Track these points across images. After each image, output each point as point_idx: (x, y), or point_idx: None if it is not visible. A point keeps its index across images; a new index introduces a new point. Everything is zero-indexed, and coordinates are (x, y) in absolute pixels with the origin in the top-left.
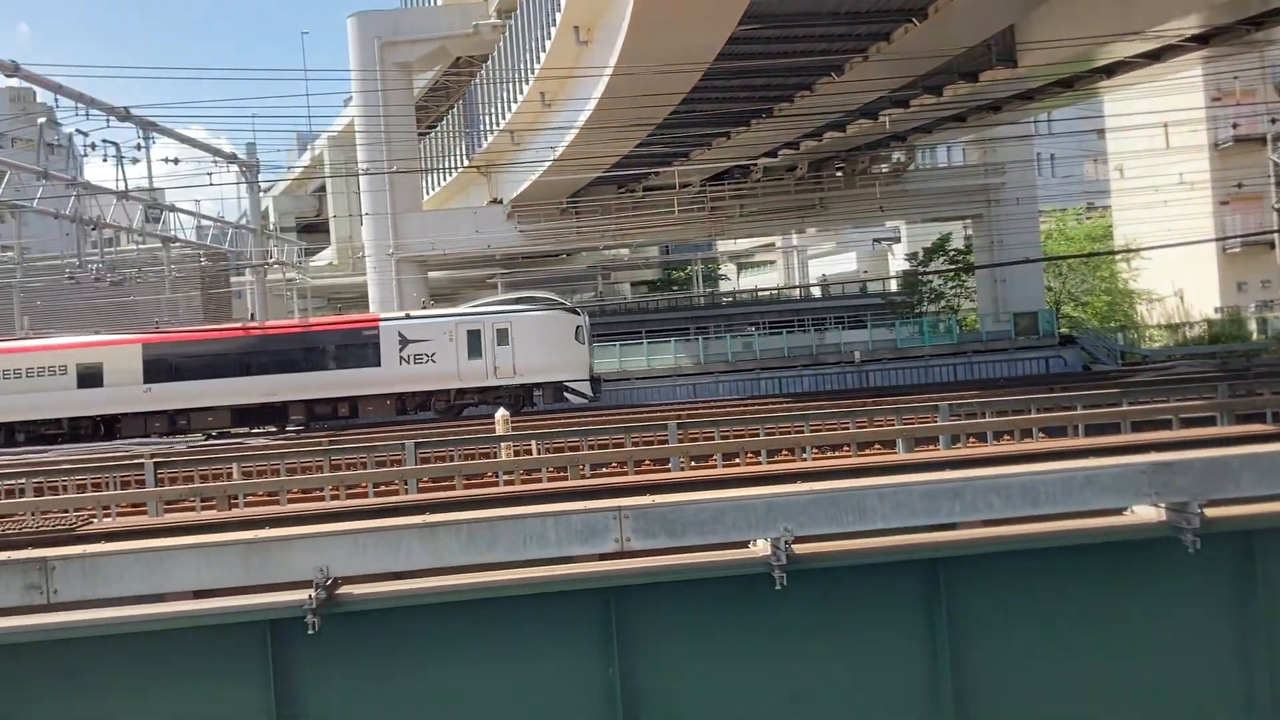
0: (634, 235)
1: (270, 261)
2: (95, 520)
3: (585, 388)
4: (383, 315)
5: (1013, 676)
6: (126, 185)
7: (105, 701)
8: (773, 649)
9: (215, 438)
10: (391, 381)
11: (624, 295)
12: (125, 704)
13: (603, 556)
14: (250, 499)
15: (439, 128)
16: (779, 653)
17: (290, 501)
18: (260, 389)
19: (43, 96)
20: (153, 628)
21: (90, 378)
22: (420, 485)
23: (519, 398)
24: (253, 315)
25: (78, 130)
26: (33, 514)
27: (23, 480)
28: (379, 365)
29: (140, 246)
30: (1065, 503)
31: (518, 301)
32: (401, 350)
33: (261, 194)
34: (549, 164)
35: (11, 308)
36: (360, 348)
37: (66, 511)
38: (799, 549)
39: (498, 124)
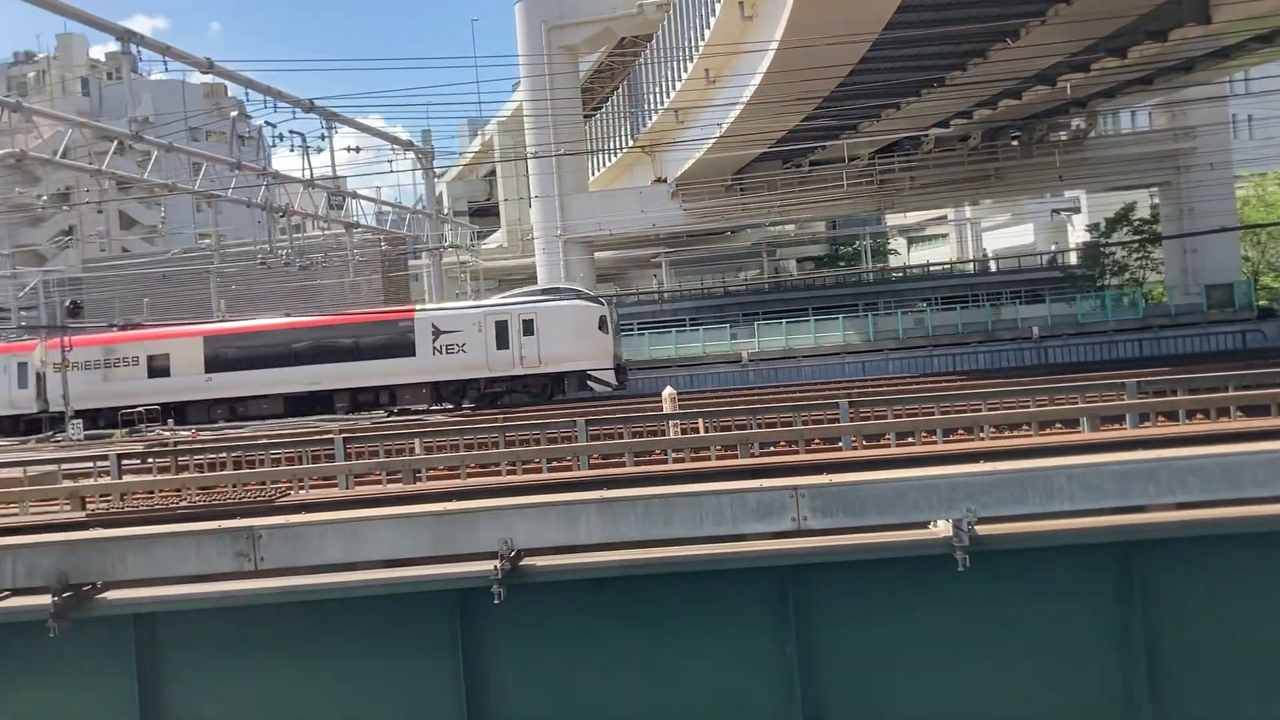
0: (800, 211)
1: (445, 245)
2: (292, 492)
3: (609, 376)
4: (418, 307)
5: (1212, 668)
6: (311, 174)
7: (306, 663)
8: (953, 631)
9: (396, 414)
10: (426, 371)
11: (790, 272)
12: (325, 666)
13: (777, 535)
14: (432, 473)
15: (604, 109)
16: (959, 635)
17: (469, 476)
18: (307, 378)
19: (234, 91)
20: (352, 594)
21: (159, 368)
22: (591, 461)
23: (546, 387)
24: (392, 298)
25: (266, 122)
26: (234, 486)
27: (224, 455)
28: (414, 355)
29: (325, 232)
30: (1272, 486)
31: (545, 293)
32: (435, 341)
33: (436, 179)
34: (714, 141)
35: (209, 292)
36: (397, 338)
37: (264, 484)
38: (981, 530)
39: (662, 103)
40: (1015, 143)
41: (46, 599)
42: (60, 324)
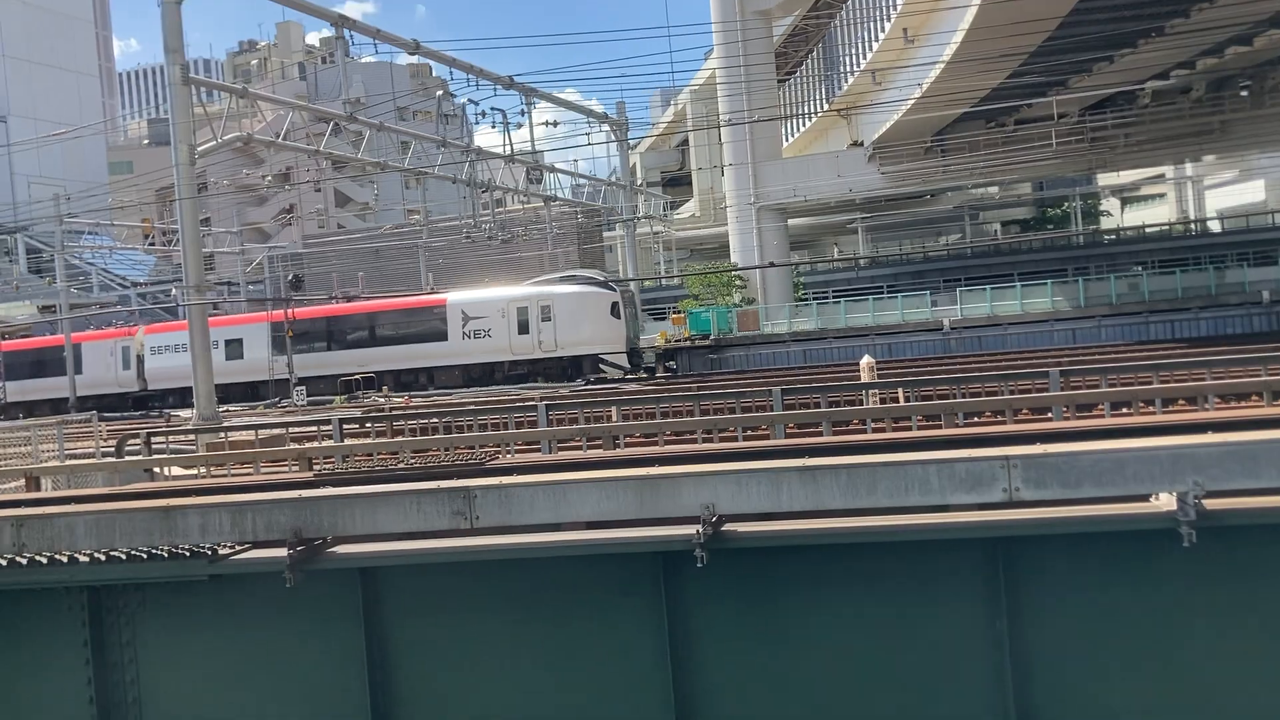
0: (1005, 172)
1: (638, 216)
2: (501, 456)
3: (621, 360)
4: (450, 295)
5: None
6: (511, 149)
7: (517, 617)
8: (1174, 611)
9: (593, 382)
10: (457, 354)
11: (993, 235)
12: (534, 620)
13: (984, 506)
14: (629, 439)
15: (798, 73)
16: (1181, 615)
17: (665, 443)
18: (355, 360)
19: (438, 71)
20: (562, 553)
21: (234, 351)
22: (787, 430)
23: (564, 370)
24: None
25: (469, 100)
26: (445, 450)
27: (435, 420)
28: (447, 340)
29: (524, 206)
30: None
31: (563, 280)
32: (464, 326)
33: (629, 150)
34: (912, 102)
35: (418, 265)
36: (432, 324)
37: (473, 448)
38: (1210, 504)
39: (858, 65)
40: (1244, 94)
41: (283, 552)
42: (284, 297)
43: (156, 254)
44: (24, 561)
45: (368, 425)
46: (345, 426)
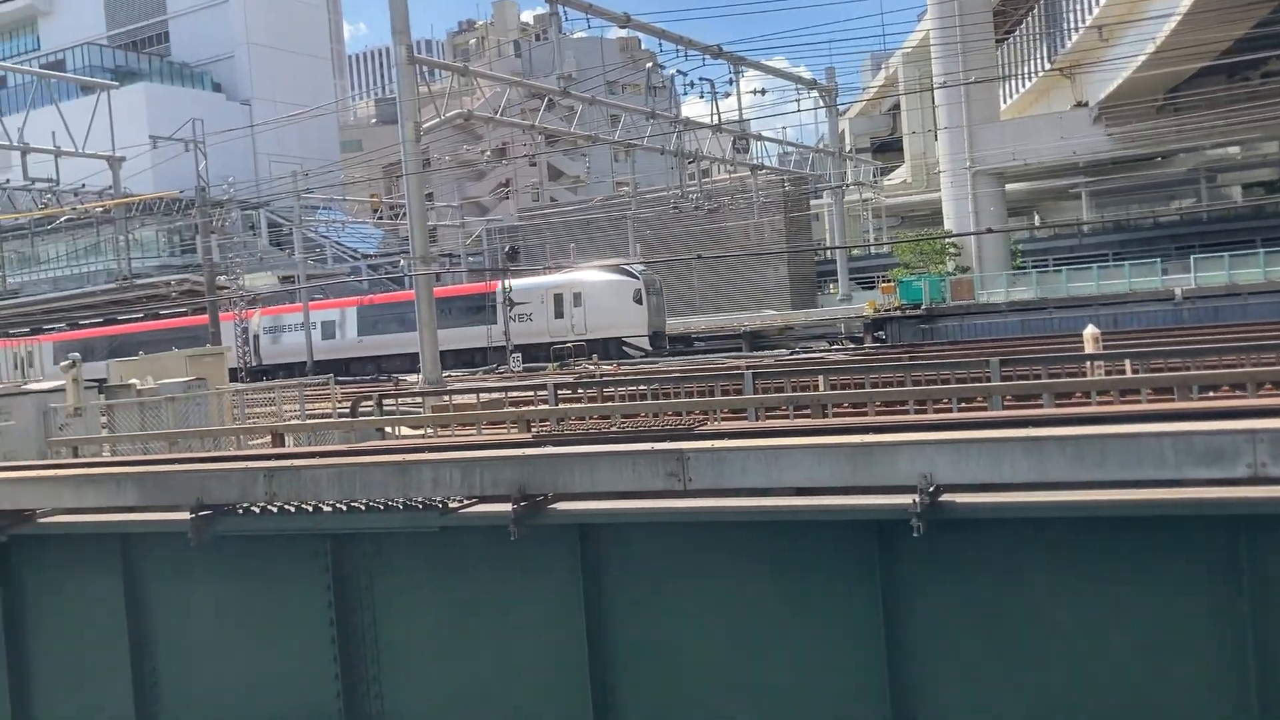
0: (1248, 131)
1: (846, 183)
2: (708, 422)
3: (643, 343)
4: (500, 281)
5: None
6: (719, 118)
7: (727, 578)
8: None
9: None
10: (503, 336)
11: (1233, 199)
12: (747, 582)
13: (1223, 482)
14: (837, 409)
15: (1017, 32)
16: None
17: (875, 413)
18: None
19: (647, 43)
20: (776, 518)
21: (328, 331)
22: (1005, 402)
23: (593, 351)
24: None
25: (678, 71)
26: (653, 415)
27: (643, 387)
28: (495, 323)
29: (731, 175)
30: None
31: (595, 269)
32: (510, 311)
33: (838, 116)
34: (1144, 58)
35: (626, 237)
36: (484, 308)
37: (680, 414)
38: None
39: (1084, 20)
40: None
41: (508, 506)
42: (502, 267)
43: (384, 227)
44: (275, 510)
45: (579, 390)
46: (559, 392)
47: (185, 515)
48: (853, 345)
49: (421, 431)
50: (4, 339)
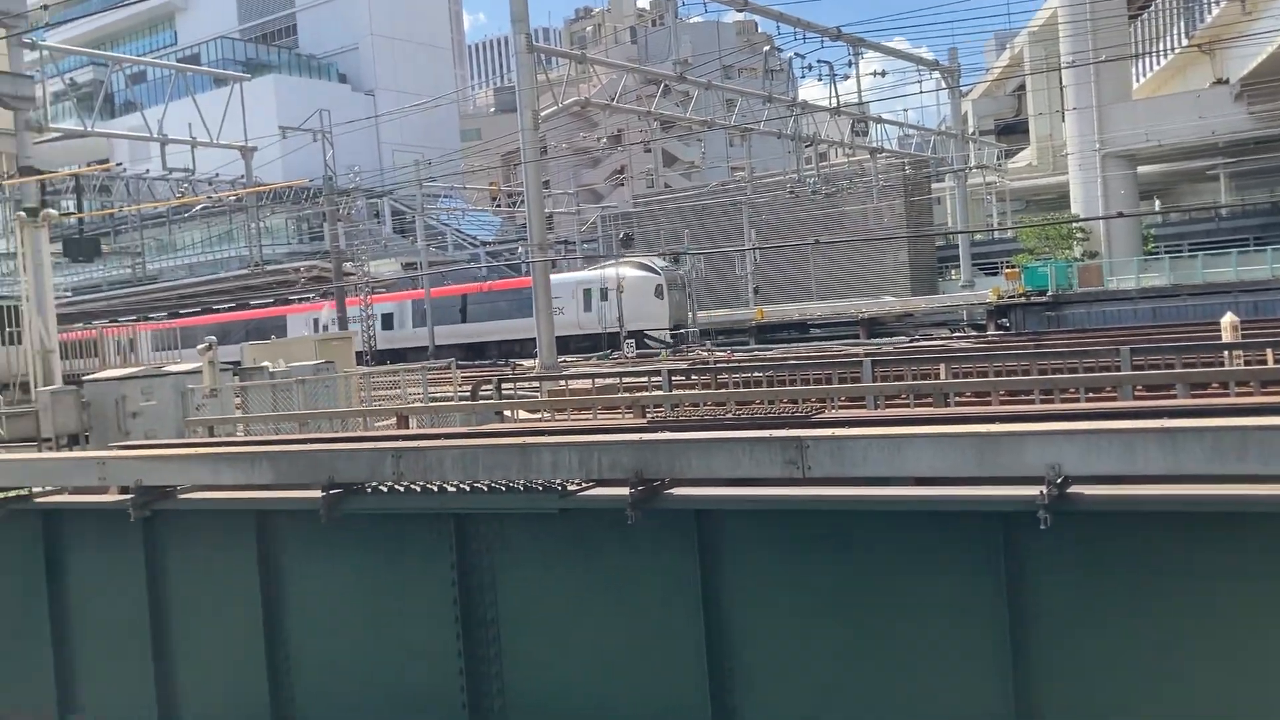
0: None
1: (969, 166)
2: (824, 410)
3: (664, 336)
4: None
5: None
6: (838, 101)
7: (844, 568)
8: None
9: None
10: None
11: None
12: (864, 573)
13: None
14: (959, 398)
15: (1152, 7)
16: None
17: (1000, 403)
18: (467, 333)
19: (764, 26)
20: (897, 508)
21: (387, 322)
22: (1135, 392)
23: (617, 343)
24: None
25: (795, 54)
26: (769, 402)
27: (758, 373)
28: (529, 315)
29: (849, 159)
30: None
31: (619, 265)
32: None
33: (960, 98)
34: None
35: (741, 223)
36: (524, 303)
37: (796, 401)
38: None
39: None
40: None
41: (625, 490)
42: (614, 254)
43: (502, 215)
44: (402, 489)
45: (693, 377)
46: (673, 378)
47: (316, 494)
48: (975, 333)
49: (538, 415)
50: (118, 325)
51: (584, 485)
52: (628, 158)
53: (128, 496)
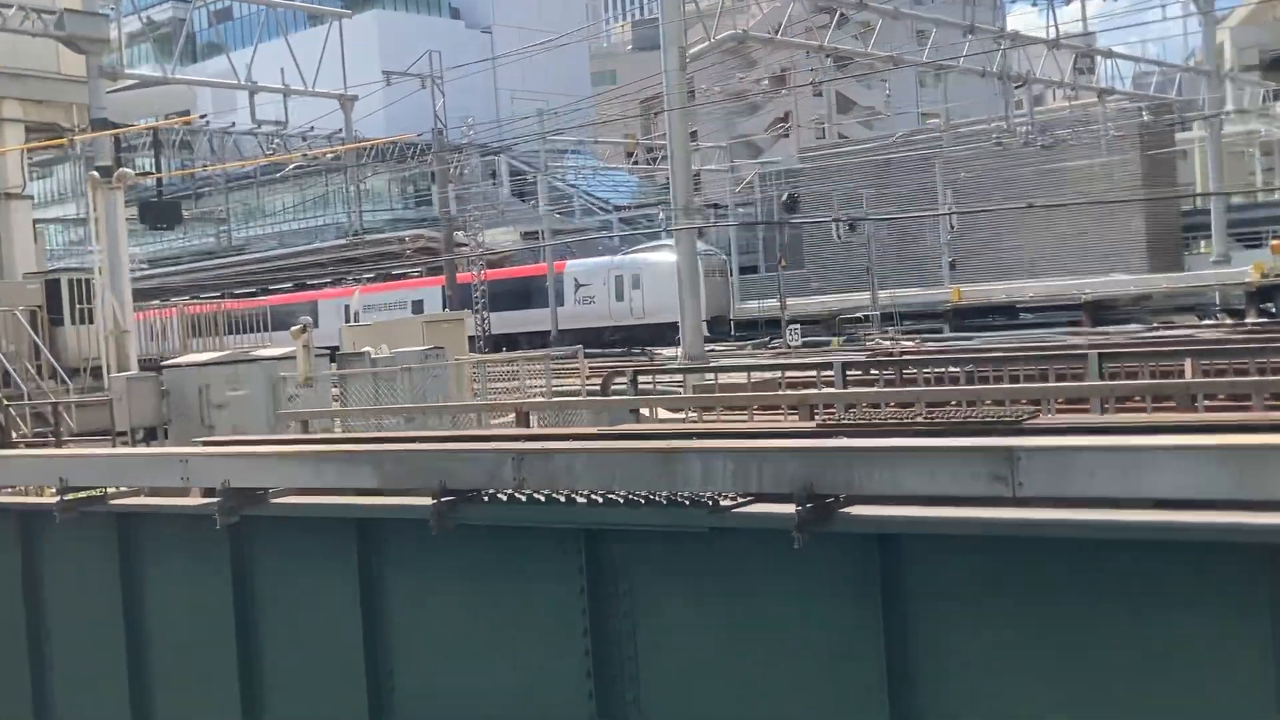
0: None
1: (1226, 110)
2: (1039, 414)
3: (702, 327)
4: (569, 263)
5: None
6: (1056, 31)
7: (1064, 608)
8: None
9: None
10: (571, 318)
11: None
12: (1084, 616)
13: None
14: (1210, 402)
15: None
16: None
17: (1264, 409)
18: (500, 323)
19: None
20: (1136, 536)
21: (417, 310)
22: None
23: (651, 337)
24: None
25: None
26: (967, 404)
27: (954, 369)
28: (563, 304)
29: (1071, 103)
30: None
31: (654, 249)
32: (576, 293)
33: (1215, 26)
34: None
35: (934, 181)
36: (556, 289)
37: (1003, 403)
38: None
39: None
40: None
41: (790, 507)
42: (777, 219)
43: (639, 174)
44: (524, 498)
45: (873, 372)
46: (847, 373)
47: (426, 500)
48: (1231, 320)
49: (682, 414)
50: (200, 302)
51: (740, 500)
52: (793, 103)
53: (213, 500)
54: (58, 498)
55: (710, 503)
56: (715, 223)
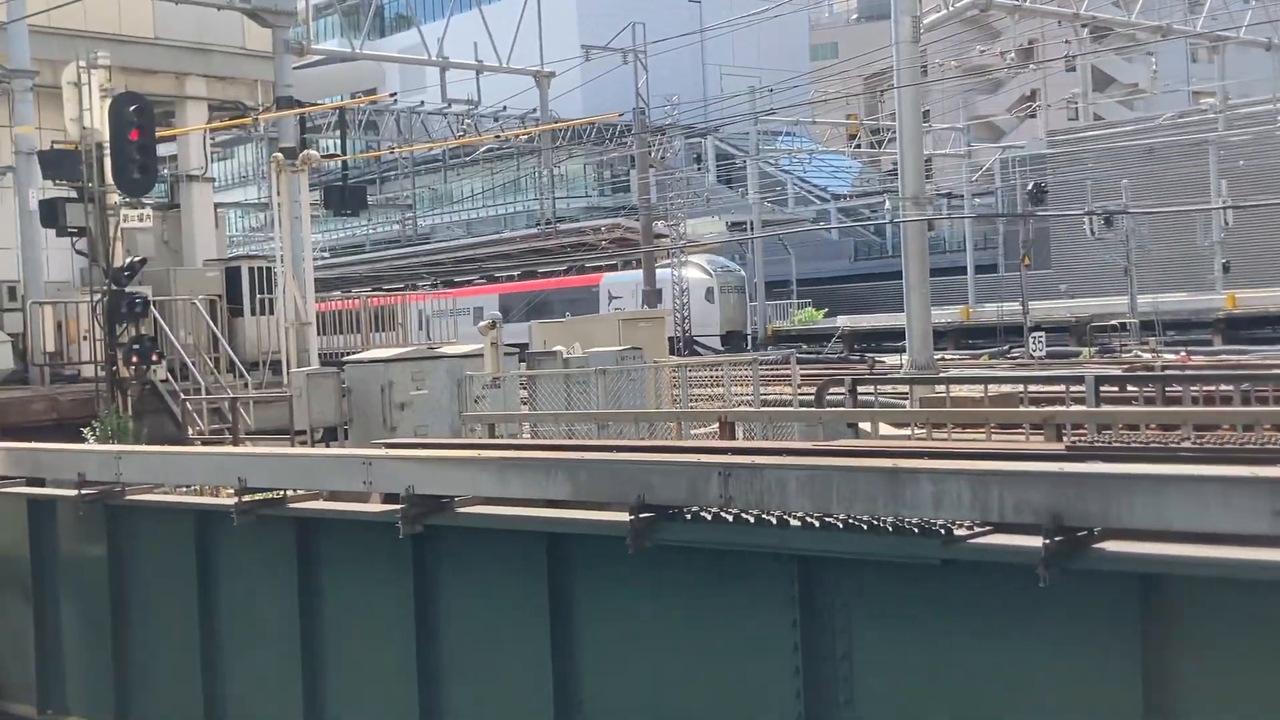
0: None
1: None
2: None
3: (714, 343)
4: (605, 275)
5: None
6: None
7: None
8: None
9: None
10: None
11: None
12: None
13: None
14: None
15: None
16: None
17: None
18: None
19: None
20: None
21: (478, 317)
22: None
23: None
24: None
25: None
26: (1245, 428)
27: (1226, 386)
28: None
29: None
30: None
31: (674, 265)
32: (609, 305)
33: None
34: None
35: (1207, 170)
36: (588, 300)
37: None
38: None
39: None
40: None
41: (1036, 540)
42: (1020, 211)
43: (862, 159)
44: (731, 518)
45: (1130, 388)
46: (1101, 389)
47: (623, 516)
48: None
49: (908, 431)
50: (387, 294)
51: (976, 529)
52: (1041, 79)
53: (397, 507)
54: (235, 499)
55: (943, 531)
56: (949, 214)
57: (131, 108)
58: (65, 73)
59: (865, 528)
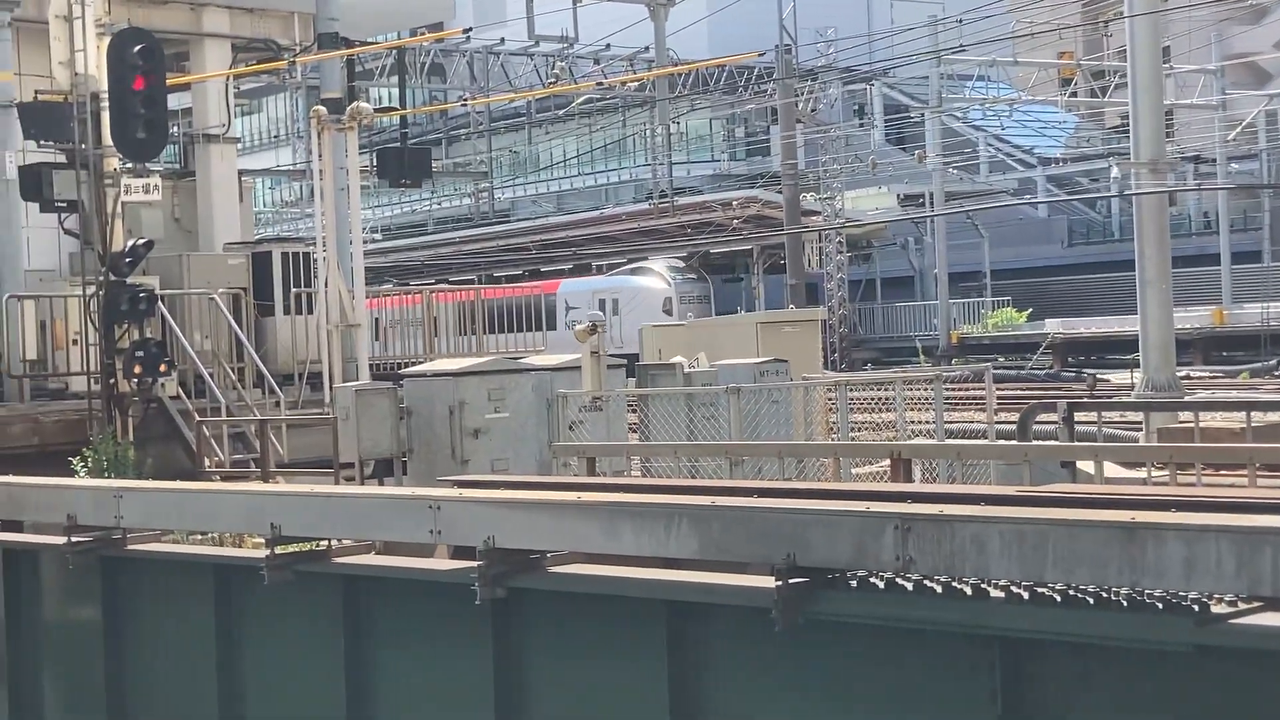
0: None
1: None
2: None
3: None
4: (563, 282)
5: None
6: None
7: None
8: None
9: None
10: (565, 343)
11: None
12: None
13: None
14: None
15: None
16: None
17: None
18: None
19: None
20: None
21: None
22: None
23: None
24: None
25: None
26: None
27: None
28: (555, 329)
29: None
30: None
31: (633, 272)
32: (567, 315)
33: None
34: None
35: None
36: (545, 312)
37: None
38: None
39: None
40: None
41: None
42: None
43: (1079, 111)
44: (909, 584)
45: None
46: None
47: (767, 581)
48: None
49: (1142, 473)
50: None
51: (1243, 605)
52: None
53: (472, 564)
54: (266, 551)
55: (1197, 608)
56: (1198, 185)
57: (135, 48)
58: (53, 4)
59: (1091, 601)
